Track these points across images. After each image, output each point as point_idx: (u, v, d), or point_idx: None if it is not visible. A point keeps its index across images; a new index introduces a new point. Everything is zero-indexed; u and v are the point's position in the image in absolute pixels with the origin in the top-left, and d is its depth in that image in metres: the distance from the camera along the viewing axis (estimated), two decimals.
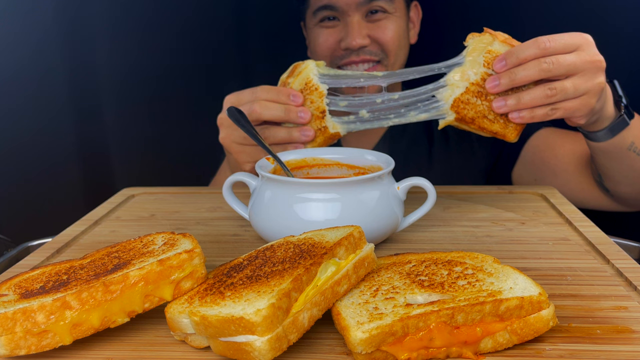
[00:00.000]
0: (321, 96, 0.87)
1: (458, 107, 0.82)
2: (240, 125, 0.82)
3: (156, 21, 1.55)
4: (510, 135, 0.83)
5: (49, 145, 1.56)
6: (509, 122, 0.82)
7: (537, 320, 0.49)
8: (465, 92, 0.82)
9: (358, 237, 0.57)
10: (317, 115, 0.88)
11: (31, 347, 0.48)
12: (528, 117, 0.81)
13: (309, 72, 0.88)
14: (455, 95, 0.82)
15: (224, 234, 0.81)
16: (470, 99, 0.82)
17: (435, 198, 0.74)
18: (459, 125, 0.85)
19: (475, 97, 0.81)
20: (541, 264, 0.68)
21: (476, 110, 0.82)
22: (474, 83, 0.81)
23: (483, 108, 0.82)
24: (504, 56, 0.79)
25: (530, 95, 0.79)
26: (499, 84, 0.79)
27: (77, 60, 1.54)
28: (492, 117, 0.82)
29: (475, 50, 0.82)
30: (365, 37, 1.17)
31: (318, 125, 0.88)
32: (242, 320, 0.45)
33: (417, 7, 1.30)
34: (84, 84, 1.56)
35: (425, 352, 0.48)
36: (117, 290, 0.50)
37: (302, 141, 0.89)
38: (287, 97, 0.88)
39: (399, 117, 0.86)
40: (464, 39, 0.84)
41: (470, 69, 0.82)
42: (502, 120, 0.82)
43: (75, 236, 0.81)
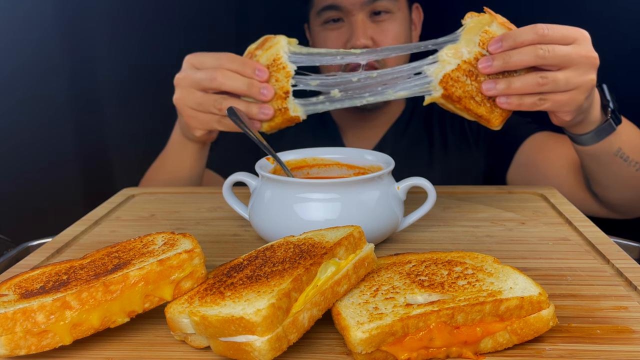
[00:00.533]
0: (288, 76, 0.85)
1: (447, 83, 0.79)
2: (241, 126, 0.81)
3: (157, 20, 1.55)
4: (494, 120, 0.81)
5: (48, 145, 1.56)
6: (495, 107, 0.80)
7: (537, 320, 0.49)
8: (456, 69, 0.79)
9: (358, 237, 0.57)
10: (280, 95, 0.86)
11: (31, 347, 0.48)
12: (516, 103, 0.79)
13: (279, 49, 0.85)
14: (446, 71, 0.79)
15: (224, 234, 0.81)
16: (461, 77, 0.79)
17: (435, 198, 0.74)
18: (445, 103, 0.82)
19: (466, 75, 0.79)
20: (541, 264, 0.68)
21: (464, 90, 0.80)
22: (466, 61, 0.79)
23: (472, 88, 0.80)
24: (500, 37, 0.77)
25: (521, 81, 0.78)
26: (492, 65, 0.78)
27: (76, 59, 1.54)
28: (480, 99, 0.80)
29: (472, 30, 0.79)
30: (368, 38, 1.17)
31: (279, 105, 0.86)
32: (242, 320, 0.45)
33: (419, 8, 1.30)
34: (84, 84, 1.56)
35: (425, 352, 0.48)
36: (117, 290, 0.50)
37: (259, 119, 0.87)
38: (252, 70, 0.86)
39: (374, 95, 0.83)
40: None
41: (464, 47, 0.79)
42: (489, 104, 0.80)
43: (75, 236, 0.81)
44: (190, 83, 0.89)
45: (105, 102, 1.59)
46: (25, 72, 1.51)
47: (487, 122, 0.82)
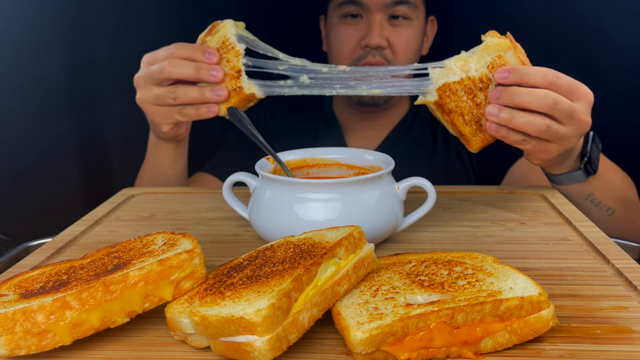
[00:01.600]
0: (238, 55, 0.86)
1: (444, 92, 0.79)
2: (241, 126, 0.81)
3: (157, 20, 1.55)
4: (474, 144, 0.81)
5: (49, 145, 1.56)
6: (480, 132, 0.81)
7: (537, 320, 0.49)
8: (458, 82, 0.78)
9: (358, 237, 0.57)
10: (233, 74, 0.86)
11: (31, 347, 0.48)
12: (503, 134, 0.79)
13: (226, 31, 0.87)
14: (448, 80, 0.79)
15: (224, 234, 0.81)
16: (459, 91, 0.79)
17: (435, 198, 0.74)
18: (435, 110, 0.82)
19: (464, 91, 0.79)
20: (541, 264, 0.68)
21: (457, 104, 0.79)
22: (471, 78, 0.79)
23: (465, 105, 0.79)
24: (509, 69, 0.77)
25: (525, 119, 0.77)
26: (499, 98, 0.77)
27: (77, 59, 1.54)
28: (469, 118, 0.80)
29: (488, 49, 0.78)
30: (384, 38, 1.19)
31: (233, 85, 0.87)
32: (242, 320, 0.45)
33: (434, 22, 1.33)
34: (85, 84, 1.56)
35: (425, 352, 0.48)
36: (117, 290, 0.50)
37: (214, 100, 0.88)
38: (201, 54, 0.87)
39: (345, 88, 0.84)
40: None
41: (474, 63, 0.79)
42: (475, 126, 0.80)
43: (75, 236, 0.81)
44: (145, 79, 0.91)
45: (106, 102, 1.59)
46: (26, 72, 1.51)
47: (467, 143, 0.82)
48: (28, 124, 1.53)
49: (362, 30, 1.21)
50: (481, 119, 0.80)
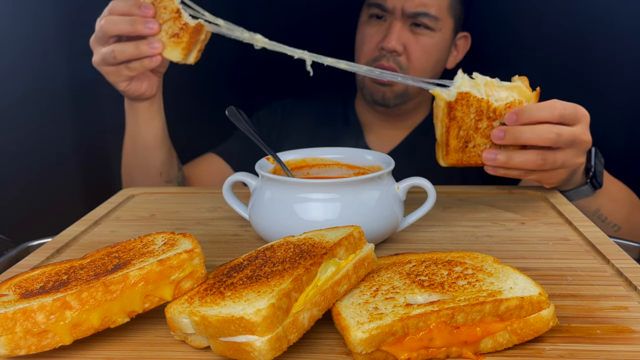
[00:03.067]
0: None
1: (462, 98, 0.78)
2: (241, 125, 0.81)
3: None
4: (450, 159, 0.82)
5: (48, 145, 1.55)
6: (462, 152, 0.81)
7: (537, 320, 0.49)
8: (478, 98, 0.78)
9: (358, 237, 0.57)
10: (174, 17, 0.87)
11: (31, 347, 0.48)
12: (502, 173, 0.82)
13: None
14: (472, 91, 0.78)
15: (224, 234, 0.81)
16: (472, 107, 0.79)
17: (435, 198, 0.74)
18: (440, 108, 0.80)
19: (475, 111, 0.79)
20: (541, 264, 0.68)
21: (463, 117, 0.79)
22: (488, 103, 0.79)
23: (467, 122, 0.79)
24: (517, 111, 0.78)
25: (522, 158, 0.79)
26: (503, 138, 0.79)
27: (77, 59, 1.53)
28: (462, 134, 0.80)
29: (515, 90, 0.79)
30: (401, 44, 1.21)
31: (178, 26, 0.88)
32: (242, 320, 0.45)
33: (467, 38, 1.33)
34: (85, 83, 1.56)
35: (425, 352, 0.48)
36: (117, 290, 0.50)
37: (151, 54, 0.90)
38: (137, 8, 0.89)
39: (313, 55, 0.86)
40: None
41: (498, 92, 0.79)
42: (461, 143, 0.81)
43: (75, 236, 0.81)
44: (93, 41, 0.94)
45: (106, 102, 1.59)
46: (26, 73, 1.51)
47: (446, 154, 0.82)
48: (28, 124, 1.53)
49: (383, 33, 1.23)
50: (470, 141, 0.81)
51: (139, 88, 1.00)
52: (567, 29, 1.38)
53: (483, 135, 0.80)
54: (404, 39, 1.21)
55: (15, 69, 1.51)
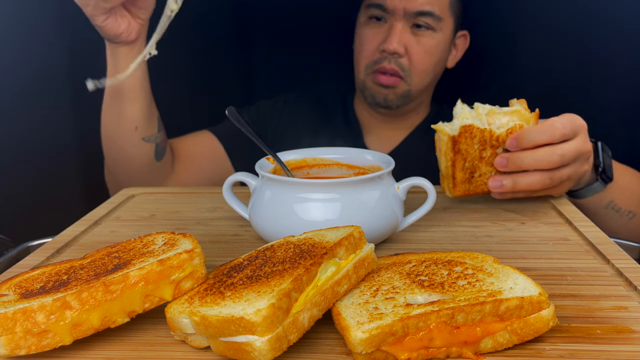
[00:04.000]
0: None
1: (465, 131, 0.80)
2: (241, 125, 0.81)
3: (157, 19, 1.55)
4: (458, 190, 0.84)
5: (48, 145, 1.55)
6: (469, 182, 0.84)
7: (537, 320, 0.49)
8: (481, 129, 0.80)
9: (358, 237, 0.57)
10: None
11: (31, 347, 0.48)
12: (509, 196, 0.85)
13: None
14: (475, 123, 0.80)
15: (224, 234, 0.81)
16: (476, 138, 0.80)
17: (435, 198, 0.74)
18: (443, 142, 0.82)
19: (478, 142, 0.80)
20: (541, 264, 0.68)
21: (467, 149, 0.81)
22: (491, 132, 0.80)
23: (472, 153, 0.81)
24: (517, 137, 0.79)
25: (527, 180, 0.81)
26: (507, 166, 0.80)
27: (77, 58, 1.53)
28: (468, 165, 0.82)
29: (515, 115, 0.81)
30: (402, 45, 1.20)
31: None
32: (242, 320, 0.45)
33: (466, 37, 1.32)
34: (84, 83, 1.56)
35: (425, 352, 0.48)
36: (117, 290, 0.50)
37: None
38: None
39: None
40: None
41: (499, 119, 0.80)
42: (467, 175, 0.83)
43: (75, 236, 0.81)
44: None
45: None
46: (26, 73, 1.51)
47: (453, 186, 0.84)
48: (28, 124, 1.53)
49: (383, 35, 1.22)
50: (476, 171, 0.83)
51: (117, 27, 0.98)
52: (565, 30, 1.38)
53: (487, 163, 0.82)
54: (405, 40, 1.20)
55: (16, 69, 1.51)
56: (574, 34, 1.37)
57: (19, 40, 1.50)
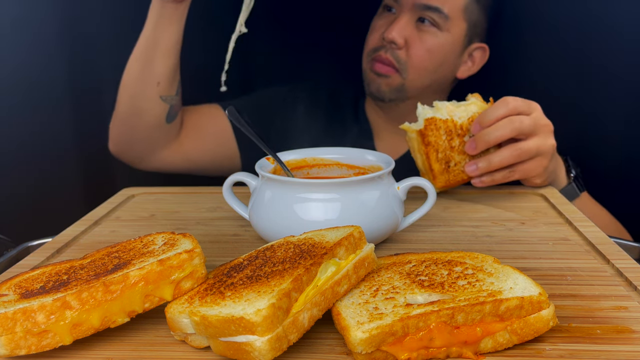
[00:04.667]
0: None
1: (429, 124, 0.88)
2: (240, 125, 0.81)
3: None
4: (439, 182, 0.90)
5: (48, 145, 1.55)
6: (447, 172, 0.89)
7: (537, 320, 0.49)
8: (443, 120, 0.88)
9: (358, 237, 0.57)
10: None
11: (31, 347, 0.48)
12: (488, 181, 0.90)
13: None
14: (437, 115, 0.88)
15: (224, 234, 0.81)
16: (441, 129, 0.88)
17: (435, 198, 0.74)
18: (414, 140, 0.90)
19: (445, 132, 0.88)
20: (541, 264, 0.68)
21: (436, 141, 0.88)
22: (454, 122, 0.89)
23: (442, 144, 0.88)
24: (478, 119, 0.88)
25: (499, 157, 0.87)
26: (475, 147, 0.88)
27: (77, 59, 1.53)
28: (441, 156, 0.88)
29: (472, 106, 0.90)
30: (402, 37, 1.18)
31: None
32: (242, 320, 0.45)
33: (486, 50, 1.26)
34: (85, 84, 1.56)
35: (425, 352, 0.48)
36: (117, 290, 0.50)
37: None
38: None
39: None
40: None
41: (459, 112, 0.90)
42: (444, 165, 0.89)
43: (75, 236, 0.81)
44: None
45: (106, 102, 1.59)
46: (26, 73, 1.51)
47: (433, 178, 0.90)
48: (28, 124, 1.53)
49: (389, 24, 1.21)
50: (450, 161, 0.89)
51: None
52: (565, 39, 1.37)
53: (459, 152, 0.90)
54: (407, 32, 1.18)
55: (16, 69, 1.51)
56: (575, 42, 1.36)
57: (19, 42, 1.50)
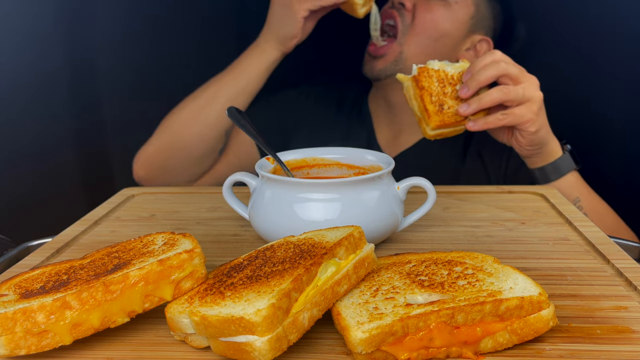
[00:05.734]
0: None
1: (422, 72, 0.96)
2: (240, 126, 0.81)
3: (158, 20, 1.55)
4: (433, 122, 0.95)
5: (48, 145, 1.55)
6: (441, 114, 0.95)
7: (537, 320, 0.49)
8: (436, 70, 0.96)
9: (358, 237, 0.57)
10: None
11: (31, 347, 0.48)
12: (482, 122, 0.96)
13: None
14: (429, 66, 0.96)
15: (224, 234, 0.81)
16: (434, 77, 0.96)
17: (435, 198, 0.74)
18: (409, 87, 0.97)
19: (437, 80, 0.96)
20: (541, 264, 0.68)
21: (430, 86, 0.95)
22: (445, 72, 0.97)
23: (435, 89, 0.96)
24: (469, 68, 0.96)
25: (489, 96, 0.94)
26: (468, 89, 0.95)
27: (77, 60, 1.53)
28: (435, 99, 0.95)
29: (461, 68, 0.98)
30: (411, 1, 1.20)
31: None
32: (242, 321, 0.45)
33: (490, 44, 1.26)
34: (84, 84, 1.56)
35: (425, 352, 0.48)
36: (117, 290, 0.50)
37: None
38: None
39: None
40: None
41: (451, 67, 0.98)
42: (437, 107, 0.95)
43: (75, 236, 0.81)
44: None
45: (106, 102, 1.59)
46: (25, 73, 1.51)
47: (428, 117, 0.96)
48: (28, 124, 1.53)
49: None
50: (444, 104, 0.96)
51: (308, 27, 1.11)
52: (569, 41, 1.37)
53: (452, 97, 0.96)
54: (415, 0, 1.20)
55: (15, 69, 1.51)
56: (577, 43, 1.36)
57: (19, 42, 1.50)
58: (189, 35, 1.54)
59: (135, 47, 1.56)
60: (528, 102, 0.95)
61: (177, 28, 1.54)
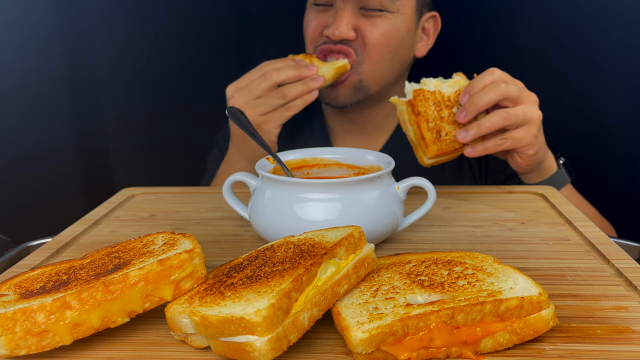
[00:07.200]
0: None
1: (418, 95, 0.89)
2: (241, 125, 0.82)
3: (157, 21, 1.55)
4: (431, 151, 0.89)
5: (48, 145, 1.56)
6: (438, 142, 0.90)
7: (537, 320, 0.49)
8: (431, 92, 0.90)
9: (358, 237, 0.57)
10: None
11: (31, 347, 0.48)
12: (480, 149, 0.90)
13: None
14: (424, 88, 0.90)
15: (224, 234, 0.81)
16: (430, 100, 0.89)
17: (435, 198, 0.74)
18: (404, 112, 0.90)
19: (433, 103, 0.90)
20: (541, 264, 0.68)
21: (426, 111, 0.89)
22: (441, 93, 0.90)
23: (431, 114, 0.89)
24: (465, 91, 0.89)
25: (488, 122, 0.88)
26: (467, 114, 0.88)
27: (77, 60, 1.54)
28: (432, 126, 0.89)
29: (457, 84, 0.92)
30: (351, 29, 1.08)
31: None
32: (242, 321, 0.45)
33: (437, 19, 1.19)
34: (84, 84, 1.56)
35: (425, 352, 0.48)
36: (117, 290, 0.50)
37: (317, 86, 1.04)
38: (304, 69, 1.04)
39: None
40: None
41: (446, 85, 0.91)
42: (435, 135, 0.89)
43: (75, 236, 0.81)
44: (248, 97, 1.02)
45: (106, 102, 1.59)
46: (25, 73, 1.51)
47: (426, 147, 0.90)
48: (28, 124, 1.53)
49: (328, 20, 1.10)
50: (441, 130, 0.90)
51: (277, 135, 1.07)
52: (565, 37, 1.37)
53: (449, 122, 0.90)
54: (355, 22, 1.08)
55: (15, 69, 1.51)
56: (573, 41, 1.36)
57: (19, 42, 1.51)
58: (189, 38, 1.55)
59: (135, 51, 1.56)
60: (527, 125, 0.90)
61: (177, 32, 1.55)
